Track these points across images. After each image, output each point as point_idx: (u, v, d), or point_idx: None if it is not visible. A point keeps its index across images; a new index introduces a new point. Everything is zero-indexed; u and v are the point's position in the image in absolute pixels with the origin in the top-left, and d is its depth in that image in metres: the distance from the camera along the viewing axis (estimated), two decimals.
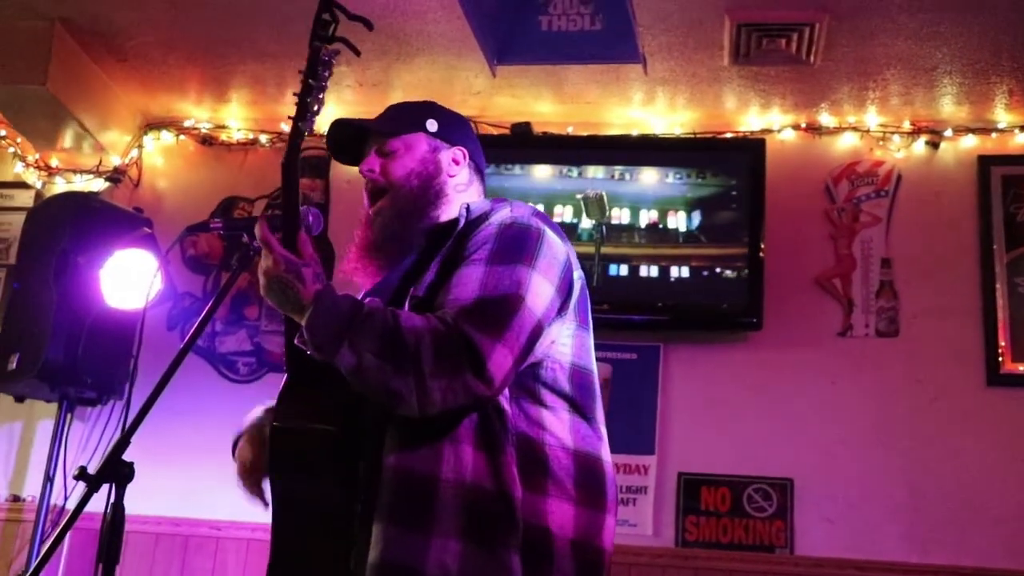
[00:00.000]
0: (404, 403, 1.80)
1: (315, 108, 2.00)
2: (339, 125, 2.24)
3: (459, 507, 1.83)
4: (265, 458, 2.02)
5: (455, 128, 2.27)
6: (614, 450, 2.11)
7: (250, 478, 2.07)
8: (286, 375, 1.99)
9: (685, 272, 4.32)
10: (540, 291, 1.93)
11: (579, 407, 2.02)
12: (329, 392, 1.90)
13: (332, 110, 4.40)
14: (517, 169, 4.53)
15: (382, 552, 1.81)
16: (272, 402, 2.06)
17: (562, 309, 2.01)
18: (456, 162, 2.22)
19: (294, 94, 1.99)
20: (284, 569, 1.95)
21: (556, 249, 2.02)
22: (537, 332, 1.91)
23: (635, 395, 4.31)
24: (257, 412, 2.14)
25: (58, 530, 1.93)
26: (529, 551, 1.85)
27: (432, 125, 2.22)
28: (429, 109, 2.28)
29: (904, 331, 4.24)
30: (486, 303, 1.86)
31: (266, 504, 2.04)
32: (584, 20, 3.35)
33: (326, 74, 2.01)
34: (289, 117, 2.01)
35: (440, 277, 1.97)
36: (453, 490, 1.83)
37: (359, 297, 2.07)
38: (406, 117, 2.24)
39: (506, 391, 1.91)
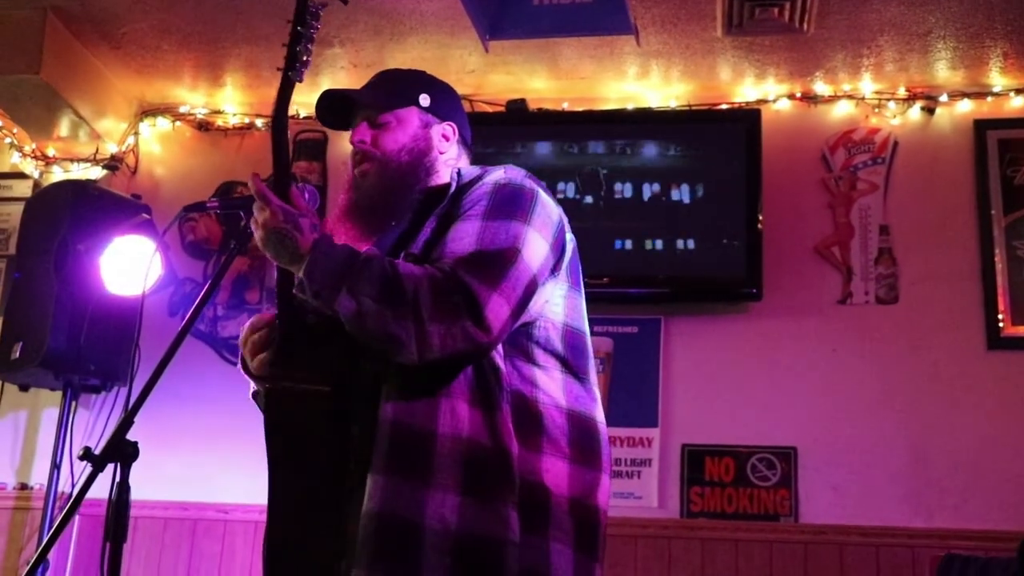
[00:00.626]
0: (404, 348, 1.81)
1: (304, 58, 2.00)
2: (330, 95, 2.24)
3: (457, 461, 1.84)
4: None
5: (446, 102, 2.27)
6: (617, 423, 2.13)
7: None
8: (278, 337, 1.99)
9: (684, 244, 4.33)
10: (536, 246, 1.95)
11: (571, 367, 2.04)
12: (321, 351, 1.91)
13: None
14: (518, 147, 4.54)
15: (378, 503, 1.82)
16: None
17: (555, 269, 2.03)
18: (446, 137, 2.22)
19: (283, 44, 1.99)
20: (281, 531, 1.95)
21: (550, 209, 2.05)
22: (533, 286, 1.93)
23: (637, 368, 4.32)
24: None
25: (64, 510, 1.94)
26: (527, 506, 1.87)
27: (425, 100, 2.21)
28: (422, 82, 2.27)
29: (904, 297, 4.25)
30: (483, 255, 1.88)
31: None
32: None
33: (315, 23, 2.02)
34: (277, 68, 2.01)
35: (435, 235, 1.99)
36: (450, 445, 1.85)
37: None
38: (399, 90, 2.23)
39: (500, 349, 1.93)
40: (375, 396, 1.89)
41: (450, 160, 2.21)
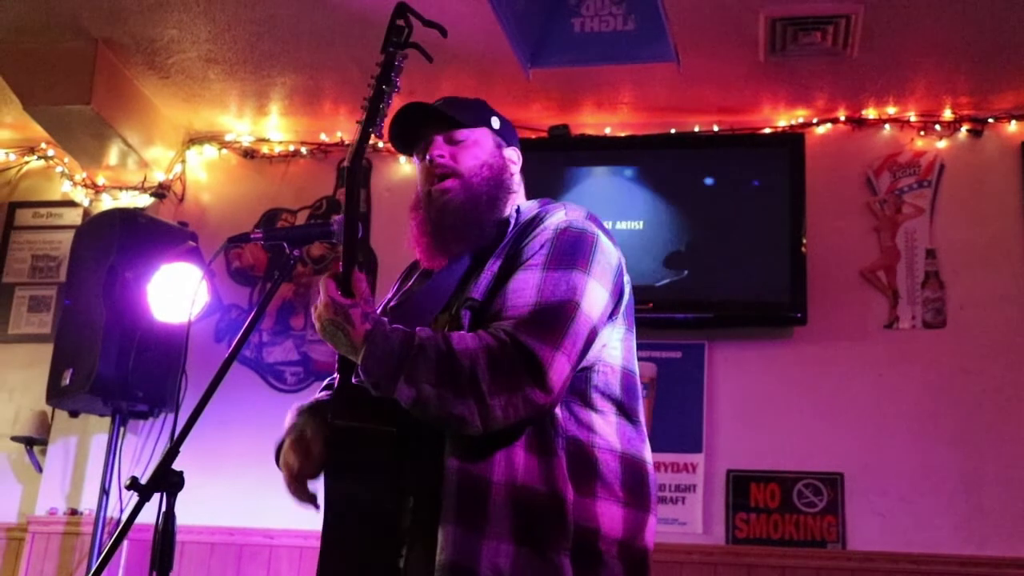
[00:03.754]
0: (468, 425, 1.82)
1: (384, 112, 2.02)
2: (409, 109, 2.21)
3: (511, 509, 1.85)
4: (310, 463, 2.04)
5: (510, 128, 2.30)
6: (662, 448, 2.14)
7: (298, 484, 2.07)
8: (338, 372, 1.99)
9: (728, 269, 4.31)
10: (595, 296, 1.96)
11: (626, 410, 2.04)
12: None
13: None
14: (561, 174, 4.53)
15: (448, 554, 1.84)
16: (303, 403, 2.08)
17: (613, 313, 2.03)
18: (513, 161, 2.24)
19: (364, 99, 2.02)
20: (333, 568, 1.96)
21: (609, 254, 2.05)
22: (592, 337, 1.94)
23: (681, 393, 4.30)
24: (292, 417, 2.14)
25: (112, 539, 1.96)
26: (579, 553, 1.87)
27: (496, 122, 2.24)
28: (487, 106, 2.29)
29: (951, 321, 4.21)
30: (543, 311, 1.89)
31: (318, 508, 2.06)
32: (616, 20, 3.36)
33: (397, 79, 2.03)
34: (357, 122, 2.03)
35: (497, 281, 1.99)
36: (505, 492, 1.86)
37: (420, 274, 2.15)
38: (472, 110, 2.25)
39: None
40: (437, 440, 1.90)
41: (516, 184, 2.24)
